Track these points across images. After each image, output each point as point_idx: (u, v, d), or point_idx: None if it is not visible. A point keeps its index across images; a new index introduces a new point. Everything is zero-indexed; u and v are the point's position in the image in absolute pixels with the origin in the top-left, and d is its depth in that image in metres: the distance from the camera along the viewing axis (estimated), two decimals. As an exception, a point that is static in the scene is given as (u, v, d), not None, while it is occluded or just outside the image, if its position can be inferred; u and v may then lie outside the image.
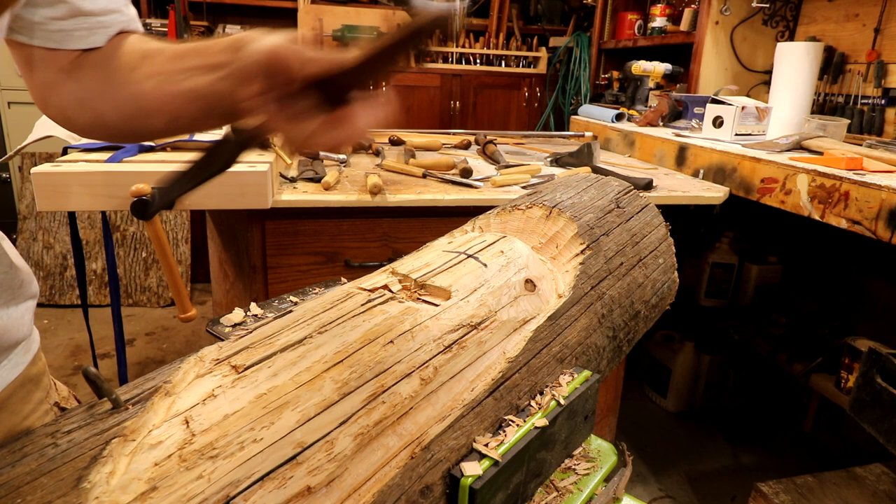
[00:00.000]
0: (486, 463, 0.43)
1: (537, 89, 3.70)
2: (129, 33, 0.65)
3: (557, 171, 1.62)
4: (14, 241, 2.41)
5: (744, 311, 2.34)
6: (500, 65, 3.71)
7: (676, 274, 0.81)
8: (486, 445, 0.45)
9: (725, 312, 2.35)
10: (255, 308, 0.71)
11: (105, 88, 0.62)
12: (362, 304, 0.52)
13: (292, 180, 1.33)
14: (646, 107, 2.41)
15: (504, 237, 0.69)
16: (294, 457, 0.37)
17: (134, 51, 0.63)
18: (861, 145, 1.60)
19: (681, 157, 1.80)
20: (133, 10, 0.65)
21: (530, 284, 0.60)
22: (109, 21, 0.62)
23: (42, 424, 0.39)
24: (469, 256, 0.62)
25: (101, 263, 3.11)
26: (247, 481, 0.34)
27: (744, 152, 1.57)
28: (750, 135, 1.84)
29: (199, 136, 1.21)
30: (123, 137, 0.66)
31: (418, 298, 0.54)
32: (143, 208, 0.98)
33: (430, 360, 0.47)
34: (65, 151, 1.14)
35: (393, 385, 0.44)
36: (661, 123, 2.18)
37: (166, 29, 2.95)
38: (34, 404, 0.66)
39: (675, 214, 0.99)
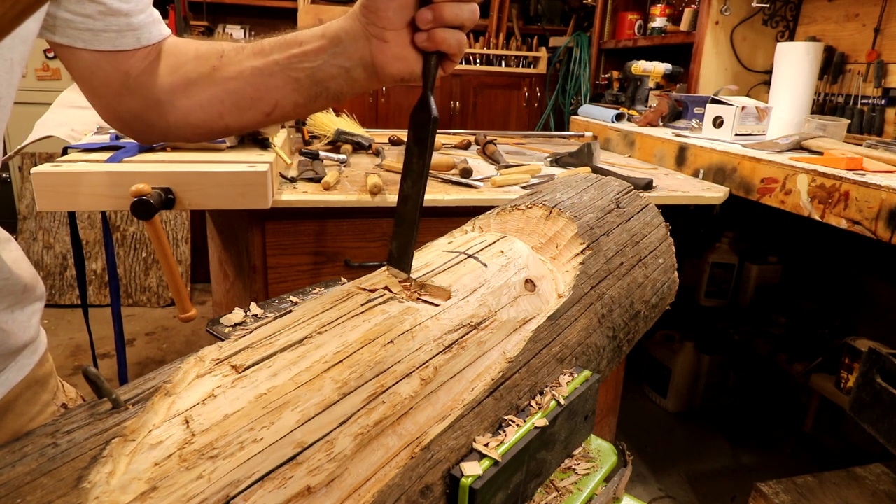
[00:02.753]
0: (486, 463, 0.43)
1: (537, 89, 3.70)
2: (165, 39, 0.66)
3: (557, 171, 1.63)
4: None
5: (744, 311, 2.34)
6: (500, 65, 3.71)
7: (676, 274, 0.81)
8: (486, 445, 0.45)
9: (725, 312, 2.35)
10: (255, 308, 0.71)
11: (189, 88, 0.63)
12: (362, 304, 0.52)
13: (292, 180, 1.33)
14: (646, 107, 2.41)
15: (504, 237, 0.69)
16: (294, 457, 0.37)
17: (202, 52, 0.64)
18: (861, 145, 1.60)
19: (681, 157, 1.80)
20: (157, 13, 0.66)
21: (530, 284, 0.60)
22: (137, 23, 0.62)
23: (42, 424, 0.39)
24: (469, 256, 0.62)
25: (101, 263, 3.11)
26: (247, 481, 0.34)
27: (744, 152, 1.57)
28: (750, 135, 1.84)
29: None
30: (209, 135, 0.68)
31: (418, 298, 0.54)
32: (143, 208, 0.98)
33: (430, 360, 0.47)
34: (65, 151, 1.14)
35: (393, 385, 0.44)
36: (661, 123, 2.18)
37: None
38: (40, 406, 0.66)
39: (675, 214, 0.99)
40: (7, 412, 0.62)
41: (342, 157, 1.59)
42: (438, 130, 2.29)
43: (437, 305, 0.53)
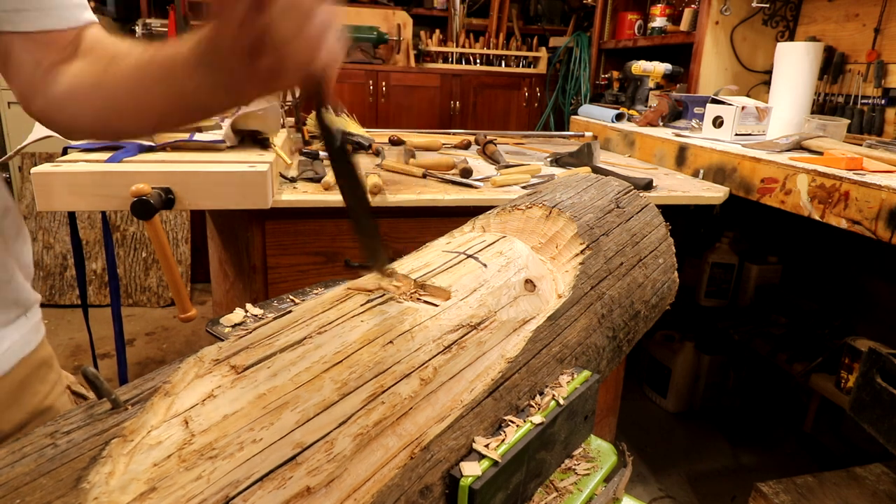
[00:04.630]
0: (485, 463, 0.43)
1: (537, 89, 3.70)
2: (90, 26, 0.64)
3: (557, 171, 1.62)
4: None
5: (744, 311, 2.34)
6: (500, 65, 3.71)
7: (676, 274, 0.81)
8: (486, 446, 0.45)
9: (725, 312, 2.35)
10: (254, 308, 0.71)
11: (77, 90, 0.60)
12: (362, 305, 0.52)
13: (292, 180, 1.33)
14: (646, 107, 2.41)
15: (504, 237, 0.68)
16: (293, 457, 0.37)
17: (101, 52, 0.61)
18: (861, 145, 1.60)
19: (681, 157, 1.80)
20: None
21: (530, 284, 0.60)
22: (63, 4, 0.61)
23: (42, 425, 0.39)
24: (469, 256, 0.62)
25: (101, 263, 3.11)
26: (246, 482, 0.34)
27: (744, 152, 1.57)
28: (750, 135, 1.84)
29: (199, 137, 1.22)
30: (104, 137, 0.66)
31: (418, 298, 0.54)
32: (143, 208, 0.98)
33: (429, 360, 0.47)
34: (65, 151, 1.14)
35: (392, 385, 0.44)
36: (661, 123, 2.18)
37: (167, 29, 2.94)
38: (51, 385, 0.71)
39: (675, 214, 0.99)
40: (24, 389, 0.66)
41: (342, 157, 1.59)
42: (438, 130, 2.29)
43: (436, 306, 0.53)
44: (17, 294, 0.65)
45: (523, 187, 1.41)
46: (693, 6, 2.39)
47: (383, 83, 3.42)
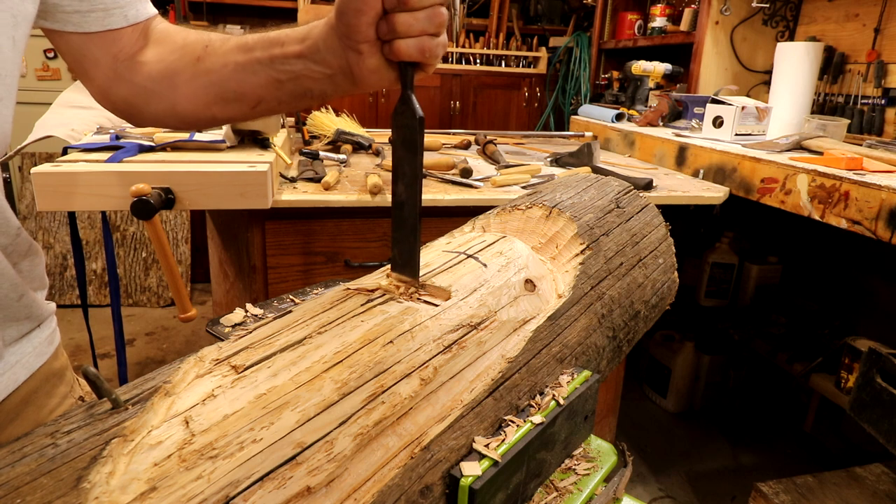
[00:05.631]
0: (485, 463, 0.43)
1: (537, 89, 3.70)
2: (152, 20, 0.68)
3: (557, 171, 1.62)
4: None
5: (744, 311, 2.34)
6: (500, 65, 3.71)
7: (676, 274, 0.81)
8: (486, 445, 0.45)
9: (725, 312, 2.35)
10: (254, 308, 0.71)
11: (174, 78, 0.63)
12: (362, 304, 0.52)
13: (292, 180, 1.33)
14: (646, 107, 2.41)
15: (504, 237, 0.69)
16: (294, 457, 0.37)
17: (189, 41, 0.65)
18: (861, 145, 1.60)
19: (681, 157, 1.80)
20: None
21: (530, 284, 0.60)
22: (123, 1, 0.64)
23: (42, 424, 0.39)
24: (469, 256, 0.62)
25: (101, 263, 3.11)
26: (246, 481, 0.34)
27: (744, 152, 1.57)
28: (750, 135, 1.84)
29: (198, 137, 1.21)
30: (198, 124, 0.68)
31: (418, 298, 0.54)
32: (143, 208, 0.98)
33: (429, 360, 0.47)
34: (65, 151, 1.14)
35: (393, 385, 0.44)
36: (661, 123, 2.18)
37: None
38: (59, 399, 0.69)
39: (675, 214, 0.99)
40: (28, 404, 0.64)
41: (342, 157, 1.59)
42: (438, 130, 2.29)
43: (436, 305, 0.53)
44: (30, 309, 0.65)
45: (523, 187, 1.41)
46: (693, 6, 2.39)
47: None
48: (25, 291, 0.64)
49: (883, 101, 1.91)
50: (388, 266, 0.59)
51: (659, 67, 2.35)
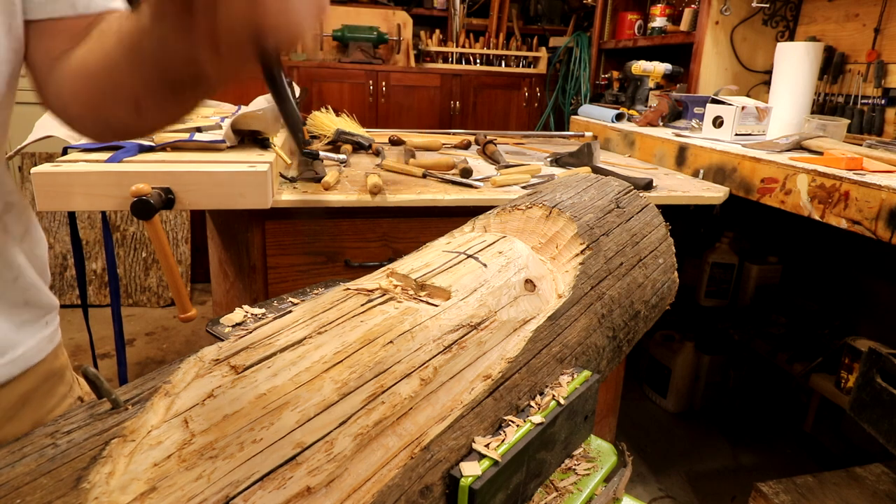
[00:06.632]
0: (485, 463, 0.43)
1: (537, 89, 3.70)
2: (111, 13, 0.58)
3: (557, 171, 1.62)
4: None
5: (744, 311, 2.34)
6: (500, 65, 3.71)
7: (676, 274, 0.81)
8: (486, 446, 0.45)
9: (725, 312, 2.35)
10: (254, 308, 0.70)
11: (78, 78, 0.53)
12: (362, 305, 0.52)
13: (292, 180, 1.33)
14: (646, 107, 2.41)
15: (504, 237, 0.68)
16: (294, 457, 0.37)
17: (100, 32, 0.54)
18: (861, 145, 1.60)
19: (681, 157, 1.80)
20: None
21: (530, 284, 0.60)
22: None
23: (41, 424, 0.39)
24: (469, 256, 0.62)
25: (101, 263, 3.11)
26: (246, 482, 0.34)
27: (744, 152, 1.57)
28: (750, 135, 1.84)
29: (198, 137, 1.22)
30: (101, 131, 0.57)
31: (418, 298, 0.54)
32: (143, 208, 0.98)
33: (429, 360, 0.47)
34: (65, 151, 1.14)
35: (392, 385, 0.44)
36: (661, 123, 2.18)
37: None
38: (58, 398, 0.67)
39: (675, 214, 0.99)
40: (26, 404, 0.63)
41: (342, 157, 1.59)
42: (438, 130, 2.29)
43: (436, 306, 0.53)
44: (28, 295, 0.62)
45: (523, 187, 1.41)
46: (693, 6, 2.39)
47: (383, 83, 3.42)
48: (22, 272, 0.61)
49: (883, 101, 1.91)
50: (389, 266, 0.59)
51: (659, 67, 2.35)
